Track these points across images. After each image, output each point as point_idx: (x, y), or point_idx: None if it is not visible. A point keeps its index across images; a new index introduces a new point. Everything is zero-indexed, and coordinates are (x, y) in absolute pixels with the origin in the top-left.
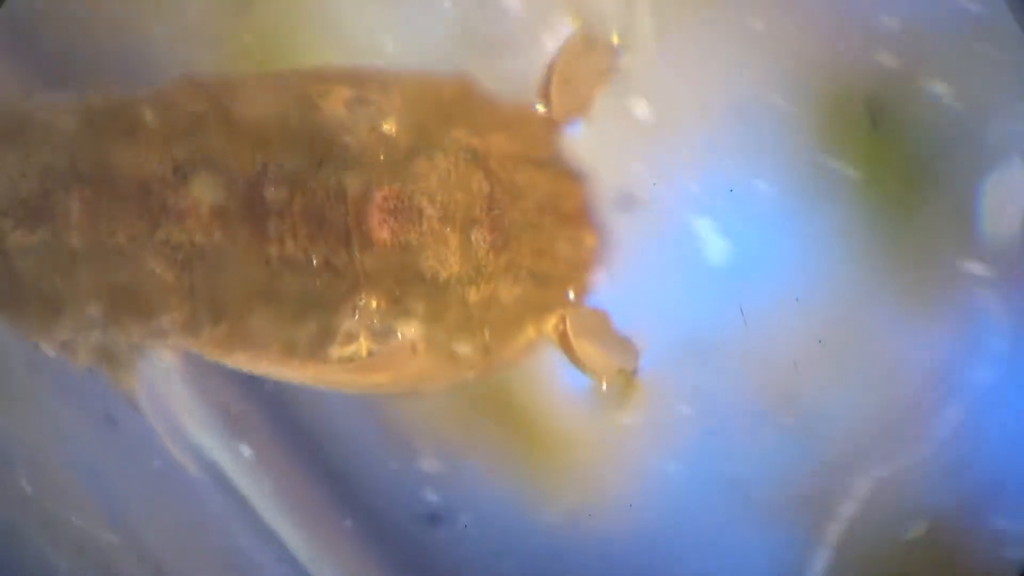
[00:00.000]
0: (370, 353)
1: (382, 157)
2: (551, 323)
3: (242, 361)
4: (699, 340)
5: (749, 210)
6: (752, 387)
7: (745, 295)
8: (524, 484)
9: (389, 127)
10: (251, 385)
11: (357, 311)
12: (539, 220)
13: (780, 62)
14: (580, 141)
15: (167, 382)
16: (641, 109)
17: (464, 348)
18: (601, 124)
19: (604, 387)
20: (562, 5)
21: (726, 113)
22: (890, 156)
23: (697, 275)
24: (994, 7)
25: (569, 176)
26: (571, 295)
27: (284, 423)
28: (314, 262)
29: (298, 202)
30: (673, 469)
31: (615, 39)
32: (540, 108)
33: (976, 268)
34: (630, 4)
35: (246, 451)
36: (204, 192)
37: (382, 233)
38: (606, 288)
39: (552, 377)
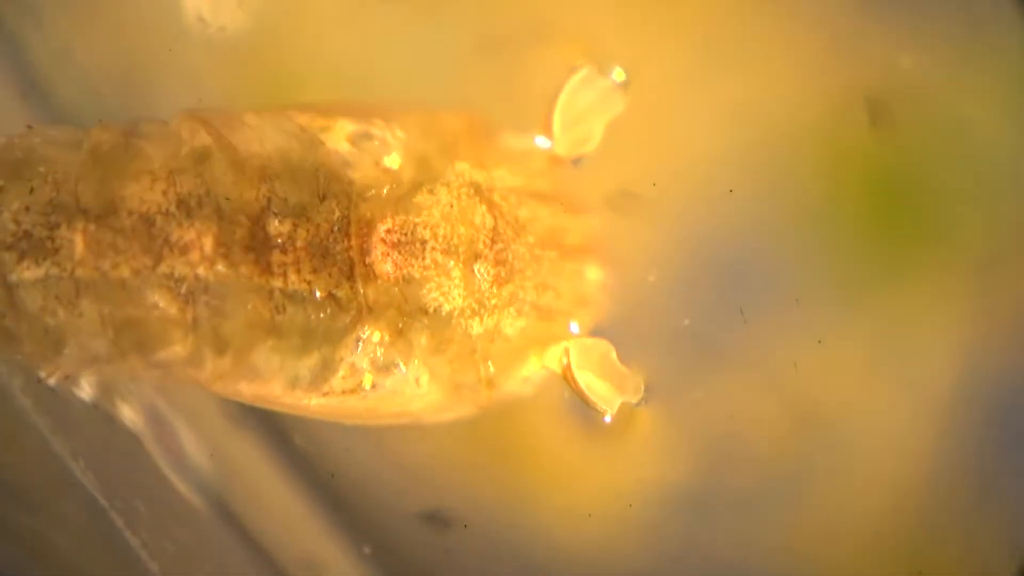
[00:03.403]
0: (373, 385)
1: (385, 191)
2: (555, 355)
3: (245, 394)
4: (700, 342)
5: (749, 211)
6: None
7: (745, 295)
8: (523, 492)
9: (392, 161)
10: (249, 415)
11: (360, 343)
12: (542, 254)
13: (781, 63)
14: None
15: (168, 415)
16: (642, 111)
17: (467, 380)
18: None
19: (608, 418)
20: (567, 41)
21: (726, 114)
22: (890, 156)
23: (697, 276)
24: (997, 8)
25: (572, 210)
26: (574, 327)
27: (283, 448)
28: (317, 295)
29: (301, 236)
30: (672, 489)
31: (620, 75)
32: (544, 143)
33: (975, 265)
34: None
35: (246, 479)
36: (207, 226)
37: (385, 266)
38: (609, 301)
39: (556, 408)
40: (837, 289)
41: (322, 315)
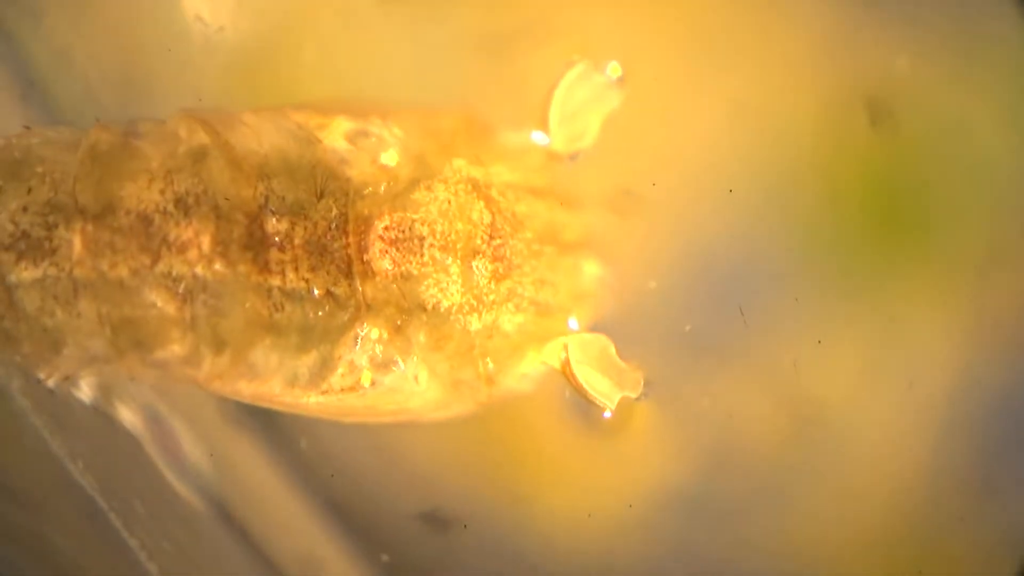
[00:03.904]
0: (372, 383)
1: (383, 188)
2: (553, 351)
3: (244, 393)
4: (699, 341)
5: (749, 211)
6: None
7: (745, 295)
8: (523, 492)
9: (390, 158)
10: (248, 416)
11: (359, 341)
12: (540, 249)
13: (780, 61)
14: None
15: (168, 416)
16: (641, 110)
17: (466, 377)
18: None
19: (607, 413)
20: (563, 38)
21: (726, 113)
22: (889, 156)
23: (697, 275)
24: (997, 7)
25: (569, 205)
26: (573, 323)
27: (283, 448)
28: (315, 293)
29: (299, 234)
30: (672, 489)
31: (615, 71)
32: (540, 138)
33: (975, 265)
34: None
35: (246, 480)
36: (205, 224)
37: (383, 263)
38: (608, 296)
39: (556, 407)
40: (836, 289)
41: (320, 313)
